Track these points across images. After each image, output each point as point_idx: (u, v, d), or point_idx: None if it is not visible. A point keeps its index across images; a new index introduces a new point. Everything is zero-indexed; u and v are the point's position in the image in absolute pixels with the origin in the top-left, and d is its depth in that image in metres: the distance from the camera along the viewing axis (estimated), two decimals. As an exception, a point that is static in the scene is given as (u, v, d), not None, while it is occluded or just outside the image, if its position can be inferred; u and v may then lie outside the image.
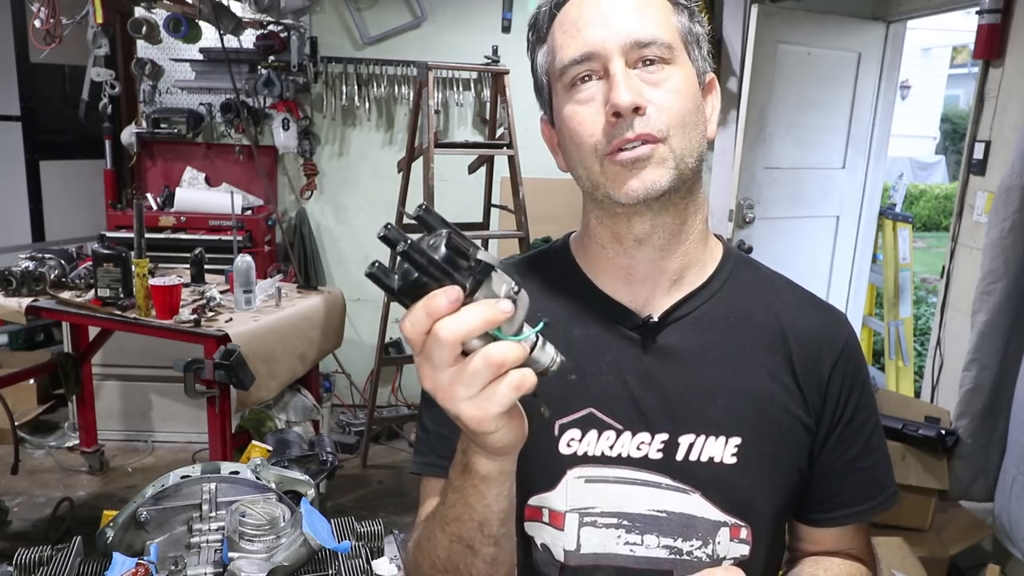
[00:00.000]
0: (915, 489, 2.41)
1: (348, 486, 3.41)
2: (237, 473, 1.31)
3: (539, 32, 0.83)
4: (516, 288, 0.56)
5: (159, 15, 3.63)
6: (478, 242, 0.55)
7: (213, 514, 1.25)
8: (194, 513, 1.25)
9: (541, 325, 0.59)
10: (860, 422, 0.86)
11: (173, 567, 1.11)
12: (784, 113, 3.44)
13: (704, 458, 0.81)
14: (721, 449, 0.81)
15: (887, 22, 3.59)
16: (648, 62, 0.76)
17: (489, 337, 0.55)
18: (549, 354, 0.60)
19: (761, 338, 0.85)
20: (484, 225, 3.60)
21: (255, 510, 1.18)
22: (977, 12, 2.73)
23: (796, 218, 3.65)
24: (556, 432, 0.82)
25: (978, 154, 2.77)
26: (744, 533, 0.83)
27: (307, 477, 1.42)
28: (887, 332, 4.02)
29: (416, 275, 0.54)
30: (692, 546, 0.82)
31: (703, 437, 0.81)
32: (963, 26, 9.70)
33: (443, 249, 0.53)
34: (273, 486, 1.32)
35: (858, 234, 3.91)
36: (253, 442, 1.54)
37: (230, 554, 1.14)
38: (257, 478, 1.32)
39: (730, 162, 3.42)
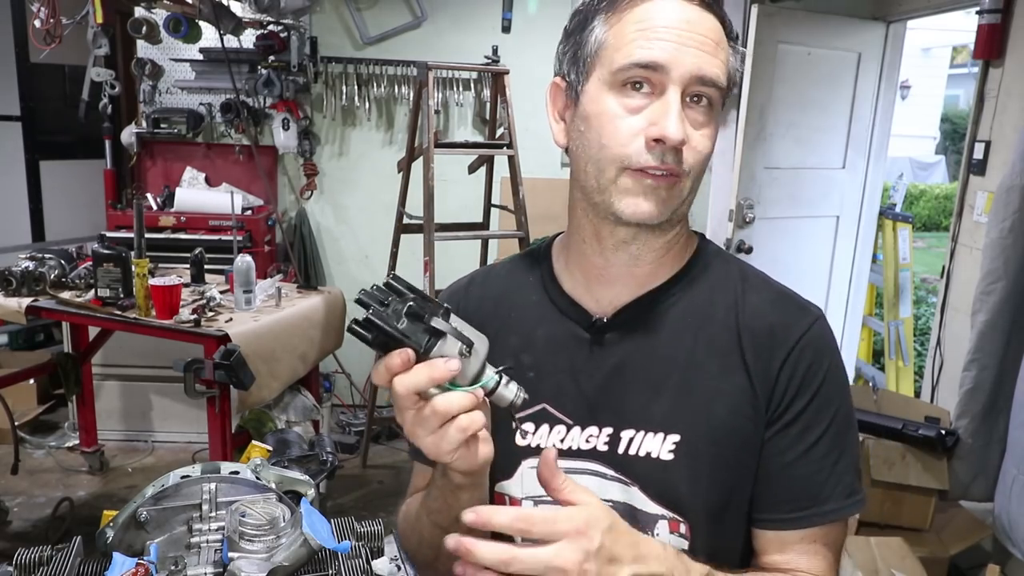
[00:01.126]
0: (915, 489, 2.41)
1: (348, 486, 3.42)
2: (237, 473, 1.31)
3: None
4: (467, 347, 0.67)
5: (159, 15, 3.63)
6: (446, 305, 0.70)
7: (213, 514, 1.24)
8: (194, 513, 1.24)
9: (496, 376, 0.70)
10: (804, 425, 0.82)
11: (173, 567, 1.11)
12: (784, 113, 3.44)
13: (642, 452, 0.83)
14: (659, 445, 0.82)
15: (887, 22, 3.59)
16: (697, 99, 0.77)
17: (445, 387, 0.67)
18: (512, 391, 0.71)
19: (716, 338, 0.84)
20: (484, 225, 3.60)
21: (255, 510, 1.18)
22: (977, 12, 2.73)
23: (796, 218, 3.65)
24: (513, 425, 0.86)
25: (978, 154, 2.77)
26: (683, 528, 0.84)
27: (307, 477, 1.41)
28: (887, 332, 4.02)
29: (383, 336, 0.66)
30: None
31: (642, 433, 0.83)
32: (963, 26, 9.71)
33: (403, 317, 0.66)
34: (273, 486, 1.32)
35: (858, 234, 3.91)
36: (253, 442, 1.53)
37: (230, 554, 1.14)
38: (257, 478, 1.32)
39: (730, 162, 3.42)
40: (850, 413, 0.86)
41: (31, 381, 3.73)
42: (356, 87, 3.95)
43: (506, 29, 3.86)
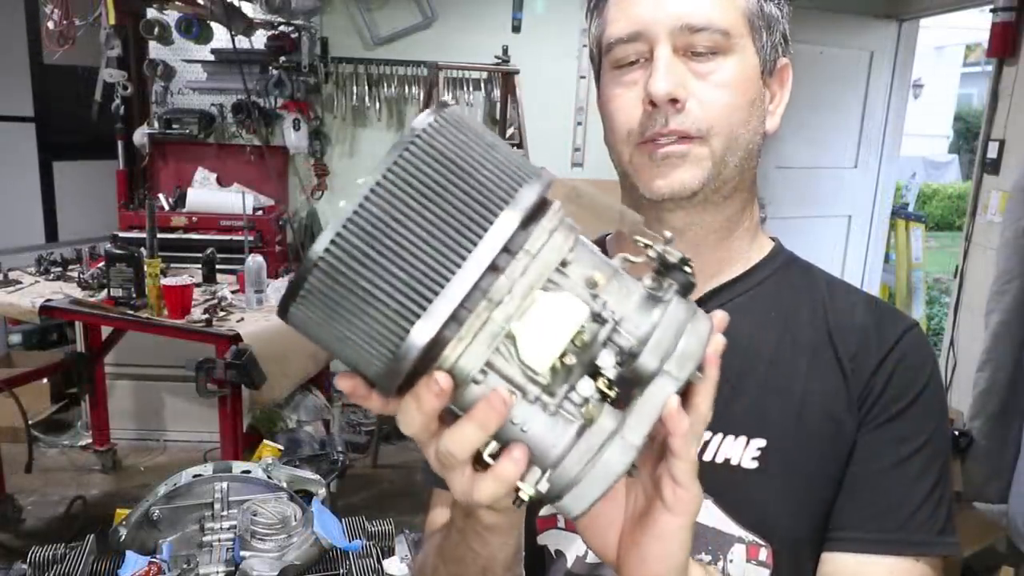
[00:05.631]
0: (928, 490, 2.39)
1: (359, 485, 3.42)
2: (249, 472, 1.31)
3: (595, 1, 0.77)
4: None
5: (171, 16, 3.65)
6: None
7: (225, 513, 1.25)
8: (206, 512, 1.25)
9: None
10: (899, 434, 0.72)
11: (185, 565, 1.12)
12: (795, 112, 3.40)
13: (720, 459, 0.71)
14: (741, 451, 0.71)
15: (899, 20, 3.57)
16: (698, 53, 0.69)
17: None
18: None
19: (805, 337, 0.75)
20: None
21: (266, 509, 1.19)
22: (991, 10, 2.71)
23: (808, 218, 3.63)
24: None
25: (992, 153, 2.75)
26: (764, 555, 0.71)
27: (318, 476, 1.42)
28: (899, 332, 3.99)
29: None
30: (700, 560, 0.69)
31: (720, 436, 0.72)
32: (977, 24, 9.63)
33: None
34: (284, 485, 1.32)
35: (870, 234, 3.89)
36: (264, 441, 1.54)
37: (242, 553, 1.15)
38: (268, 477, 1.32)
39: (741, 161, 3.42)
40: (947, 441, 0.75)
41: (44, 380, 3.75)
42: (366, 87, 3.96)
43: (516, 29, 3.86)
